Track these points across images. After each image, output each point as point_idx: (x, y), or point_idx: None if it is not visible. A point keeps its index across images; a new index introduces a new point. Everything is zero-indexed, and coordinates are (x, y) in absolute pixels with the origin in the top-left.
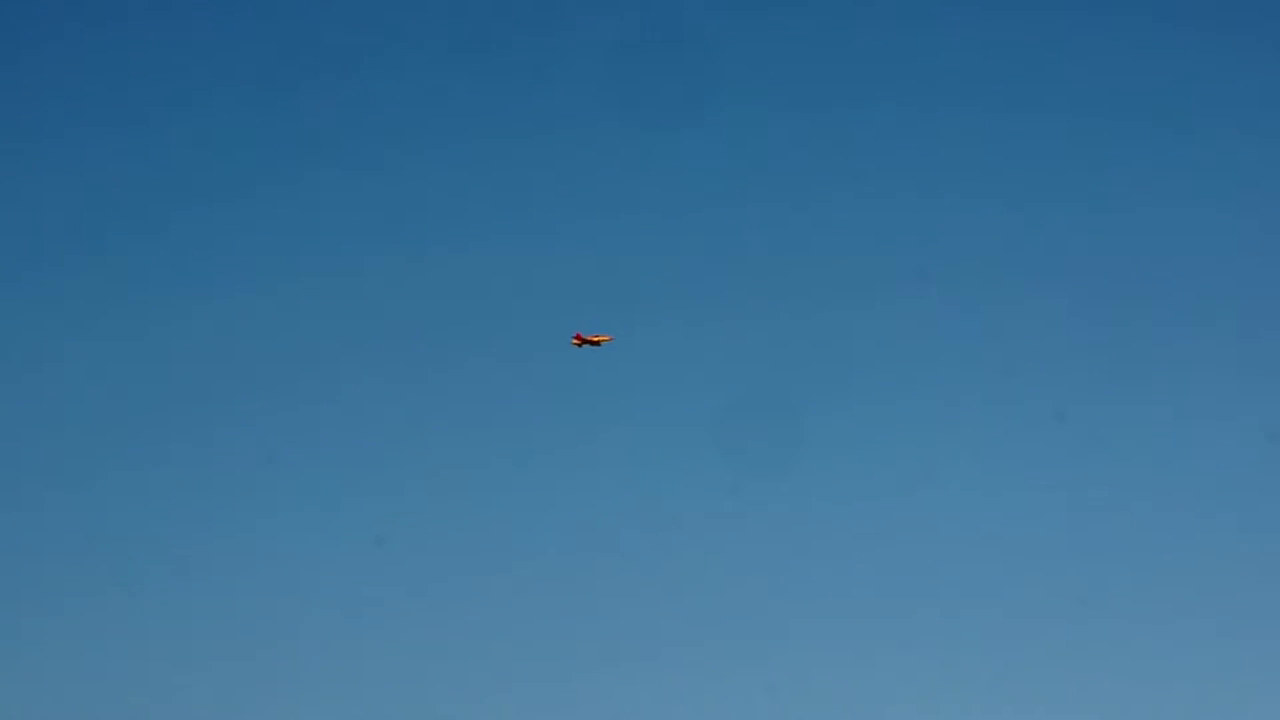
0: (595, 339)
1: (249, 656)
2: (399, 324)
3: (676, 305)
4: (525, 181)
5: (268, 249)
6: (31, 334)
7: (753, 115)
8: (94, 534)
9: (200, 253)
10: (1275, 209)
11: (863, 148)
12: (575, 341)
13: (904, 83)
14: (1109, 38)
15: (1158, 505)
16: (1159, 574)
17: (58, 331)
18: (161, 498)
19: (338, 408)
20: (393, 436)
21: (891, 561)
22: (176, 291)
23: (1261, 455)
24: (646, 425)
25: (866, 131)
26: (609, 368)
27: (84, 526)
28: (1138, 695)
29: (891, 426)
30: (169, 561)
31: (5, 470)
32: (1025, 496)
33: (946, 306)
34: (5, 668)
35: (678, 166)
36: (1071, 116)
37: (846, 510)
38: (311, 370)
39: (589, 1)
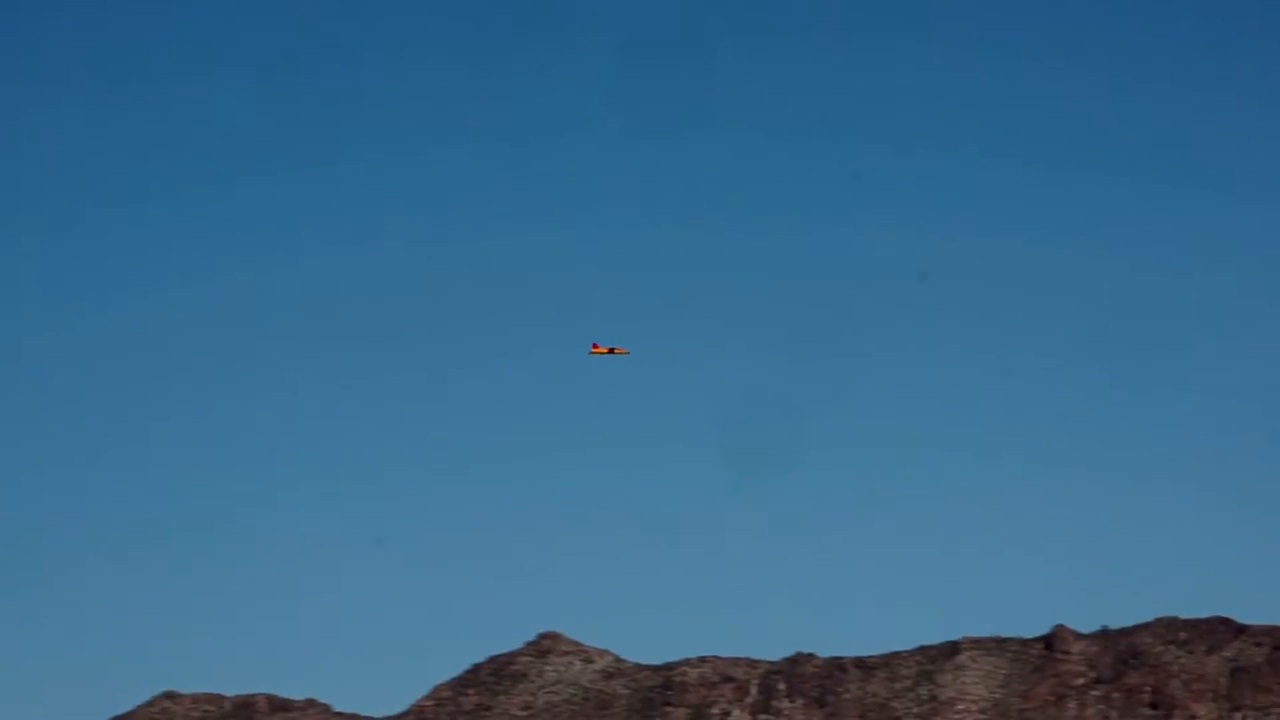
0: (614, 350)
1: (248, 656)
2: (399, 325)
3: (677, 305)
4: (529, 184)
5: (269, 250)
6: (32, 328)
7: (754, 118)
8: (92, 533)
9: (205, 248)
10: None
11: (863, 151)
12: (594, 351)
13: (904, 84)
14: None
15: (1160, 504)
16: (1161, 571)
17: (58, 326)
18: (161, 498)
19: (338, 407)
20: (394, 436)
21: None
22: (181, 285)
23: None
24: (647, 426)
25: (867, 135)
26: (607, 368)
27: (83, 522)
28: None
29: (891, 428)
30: (168, 559)
31: (5, 469)
32: (1025, 496)
33: (946, 308)
34: (6, 666)
35: (681, 170)
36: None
37: (846, 511)
38: (313, 369)
39: (590, 3)
